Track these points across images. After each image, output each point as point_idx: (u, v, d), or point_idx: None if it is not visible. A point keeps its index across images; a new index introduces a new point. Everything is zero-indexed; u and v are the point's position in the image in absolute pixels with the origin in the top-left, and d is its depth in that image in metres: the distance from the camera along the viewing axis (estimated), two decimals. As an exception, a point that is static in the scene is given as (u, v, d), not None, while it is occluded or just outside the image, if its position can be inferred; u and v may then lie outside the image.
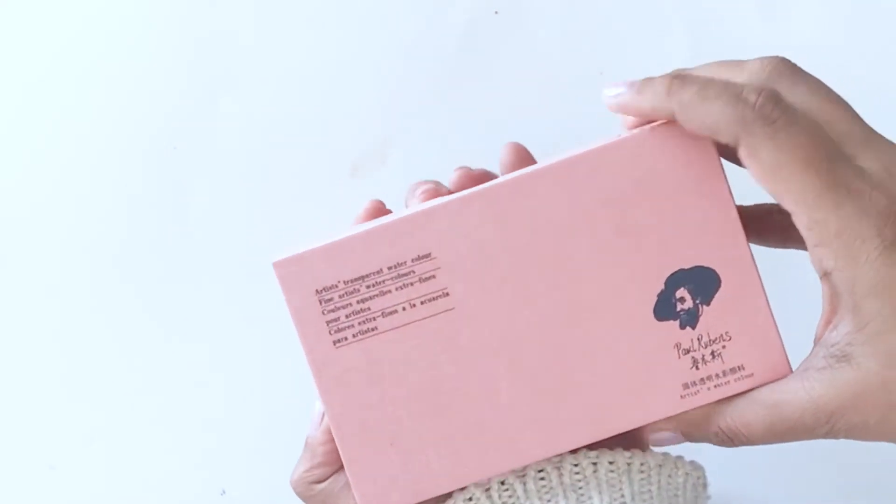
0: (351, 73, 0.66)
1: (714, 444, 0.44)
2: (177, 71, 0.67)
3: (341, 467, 0.46)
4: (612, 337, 0.43)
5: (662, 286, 0.43)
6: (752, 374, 0.43)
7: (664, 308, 0.43)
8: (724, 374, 0.43)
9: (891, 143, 0.41)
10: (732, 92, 0.40)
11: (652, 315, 0.43)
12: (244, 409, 0.64)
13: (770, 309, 0.43)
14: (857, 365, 0.40)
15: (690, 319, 0.43)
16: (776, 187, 0.40)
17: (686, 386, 0.43)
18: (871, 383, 0.40)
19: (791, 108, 0.40)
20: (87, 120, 0.66)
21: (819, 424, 0.41)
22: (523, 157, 0.47)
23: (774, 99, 0.40)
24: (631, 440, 0.46)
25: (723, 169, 0.42)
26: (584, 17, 0.66)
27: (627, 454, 0.45)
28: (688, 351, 0.43)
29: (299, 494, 0.47)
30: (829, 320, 0.41)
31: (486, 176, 0.46)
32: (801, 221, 0.40)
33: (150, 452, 0.64)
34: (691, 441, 0.44)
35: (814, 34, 0.66)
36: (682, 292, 0.43)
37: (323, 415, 0.46)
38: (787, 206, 0.40)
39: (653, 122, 0.43)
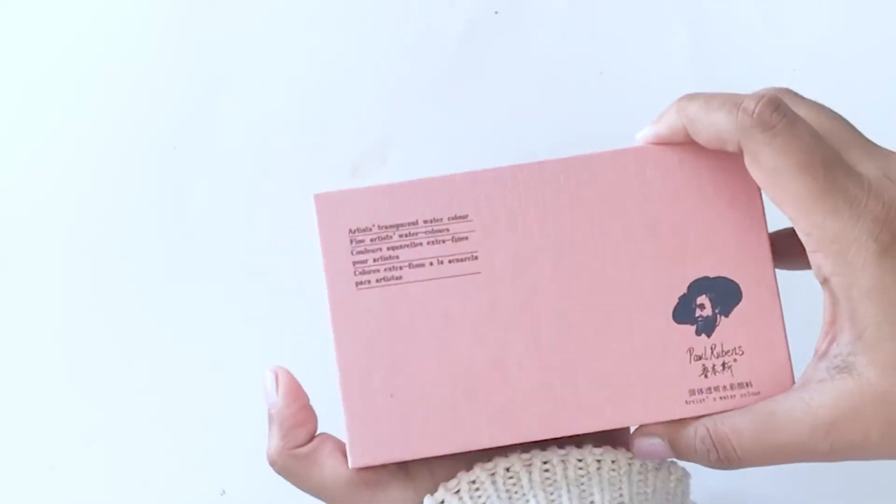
0: (351, 73, 0.66)
1: (700, 458, 0.43)
2: (177, 71, 0.67)
3: (316, 430, 0.46)
4: (629, 330, 0.43)
5: (685, 290, 0.43)
6: (759, 393, 0.43)
7: (683, 311, 0.43)
8: (732, 387, 0.43)
9: (890, 151, 0.42)
10: (734, 101, 0.41)
11: (671, 316, 0.43)
12: (244, 409, 0.64)
13: (785, 333, 0.43)
14: (857, 375, 0.40)
15: (707, 327, 0.43)
16: (776, 192, 0.40)
17: (692, 392, 0.43)
18: (870, 395, 0.39)
19: (791, 114, 0.40)
20: (87, 120, 0.66)
21: (817, 440, 0.40)
22: None
23: (773, 105, 0.40)
24: (626, 444, 0.46)
25: (760, 190, 0.43)
26: (584, 17, 0.66)
27: (629, 454, 0.45)
28: (700, 358, 0.43)
29: (282, 468, 0.46)
30: (828, 332, 0.41)
31: None
32: (799, 227, 0.40)
33: (150, 452, 0.64)
34: (677, 454, 0.44)
35: (813, 34, 0.66)
36: (703, 299, 0.43)
37: (277, 381, 0.46)
38: (787, 211, 0.40)
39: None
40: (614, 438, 0.46)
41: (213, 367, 0.65)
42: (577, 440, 0.45)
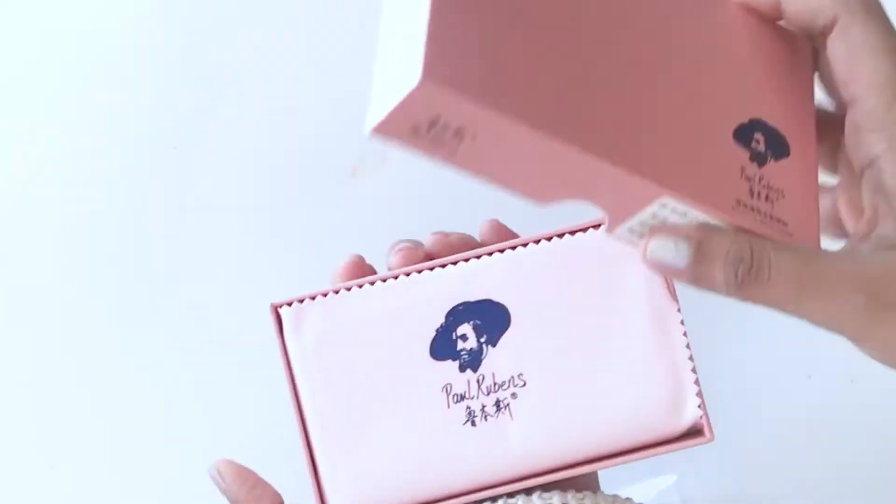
0: (351, 72, 0.66)
1: (725, 269, 0.41)
2: (177, 71, 0.67)
3: (279, 500, 0.48)
4: (695, 123, 0.43)
5: (746, 121, 0.44)
6: (792, 235, 0.43)
7: (742, 136, 0.43)
8: (772, 218, 0.43)
9: None
10: None
11: (730, 133, 0.43)
12: (244, 409, 0.64)
13: (818, 207, 0.44)
14: None
15: (760, 159, 0.43)
16: (853, 69, 0.42)
17: (739, 202, 0.42)
18: None
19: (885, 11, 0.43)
20: (87, 120, 0.66)
21: (859, 286, 0.40)
22: (502, 234, 0.47)
23: None
24: (583, 483, 0.46)
25: (813, 81, 0.45)
26: (585, 17, 0.66)
27: (580, 495, 0.44)
28: (749, 179, 0.43)
29: None
30: (869, 219, 0.42)
31: (461, 242, 0.46)
32: (864, 105, 0.42)
33: (150, 452, 0.64)
34: (700, 262, 0.41)
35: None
36: (759, 136, 0.44)
37: (220, 474, 0.48)
38: (856, 89, 0.42)
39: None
40: (563, 482, 0.46)
41: (212, 367, 0.65)
42: (526, 490, 0.45)
